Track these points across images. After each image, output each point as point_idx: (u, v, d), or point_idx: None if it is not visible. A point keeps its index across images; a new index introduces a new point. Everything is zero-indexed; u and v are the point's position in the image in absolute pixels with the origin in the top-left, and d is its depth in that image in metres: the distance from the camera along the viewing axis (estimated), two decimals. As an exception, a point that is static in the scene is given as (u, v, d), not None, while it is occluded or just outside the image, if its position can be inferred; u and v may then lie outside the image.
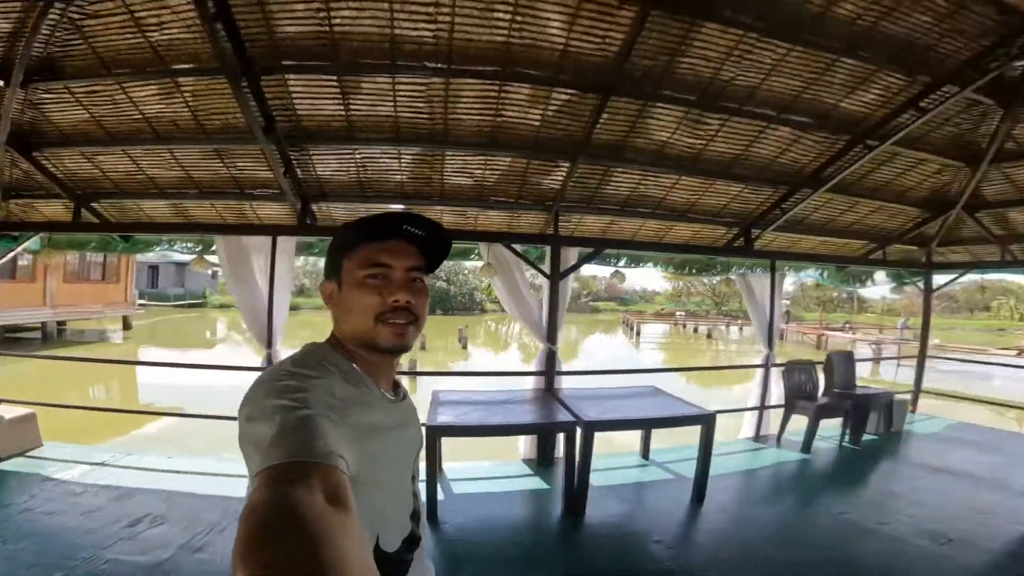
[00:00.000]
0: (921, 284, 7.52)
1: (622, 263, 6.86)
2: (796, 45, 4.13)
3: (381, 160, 5.16)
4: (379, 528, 0.86)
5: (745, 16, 3.90)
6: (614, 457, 5.54)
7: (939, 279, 7.49)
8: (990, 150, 5.42)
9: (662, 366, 21.50)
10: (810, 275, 7.74)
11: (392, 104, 4.49)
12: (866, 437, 6.29)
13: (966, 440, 6.21)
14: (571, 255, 6.11)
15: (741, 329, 39.01)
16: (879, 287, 8.05)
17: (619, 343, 34.24)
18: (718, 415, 4.45)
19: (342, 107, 4.51)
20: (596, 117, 4.62)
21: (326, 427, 0.72)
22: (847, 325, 34.03)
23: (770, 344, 6.48)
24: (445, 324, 28.07)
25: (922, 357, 7.49)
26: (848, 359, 6.66)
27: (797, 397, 6.22)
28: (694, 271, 7.10)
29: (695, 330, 38.06)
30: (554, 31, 3.92)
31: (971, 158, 5.72)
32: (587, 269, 7.79)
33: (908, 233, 6.89)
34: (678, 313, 46.78)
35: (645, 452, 5.47)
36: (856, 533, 3.83)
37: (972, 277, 7.39)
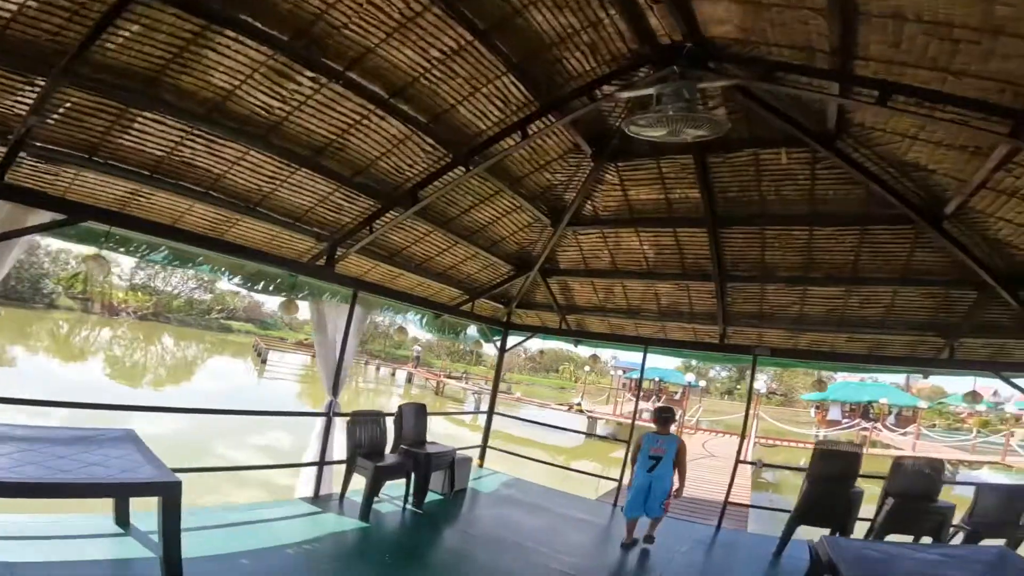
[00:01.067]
0: (499, 342, 7.78)
1: (160, 255, 4.69)
2: (437, 6, 3.25)
3: None
4: None
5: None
6: (65, 520, 3.65)
7: (513, 339, 7.93)
8: (571, 208, 5.73)
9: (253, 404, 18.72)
10: (409, 319, 7.09)
11: None
12: (433, 497, 5.69)
13: (518, 500, 6.31)
14: (30, 218, 3.65)
15: (378, 369, 39.56)
16: (483, 341, 8.04)
17: (244, 370, 30.12)
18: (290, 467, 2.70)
19: None
20: (110, 19, 2.86)
21: None
22: (464, 375, 38.31)
23: (335, 390, 5.23)
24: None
25: (491, 413, 7.68)
26: (420, 412, 6.02)
27: (358, 454, 5.13)
28: (270, 288, 5.38)
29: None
30: None
31: (556, 215, 5.99)
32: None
33: (496, 288, 6.99)
34: None
35: (123, 517, 3.72)
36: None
37: (538, 342, 8.13)
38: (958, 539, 4.33)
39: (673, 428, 5.66)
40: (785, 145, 4.53)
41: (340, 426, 5.41)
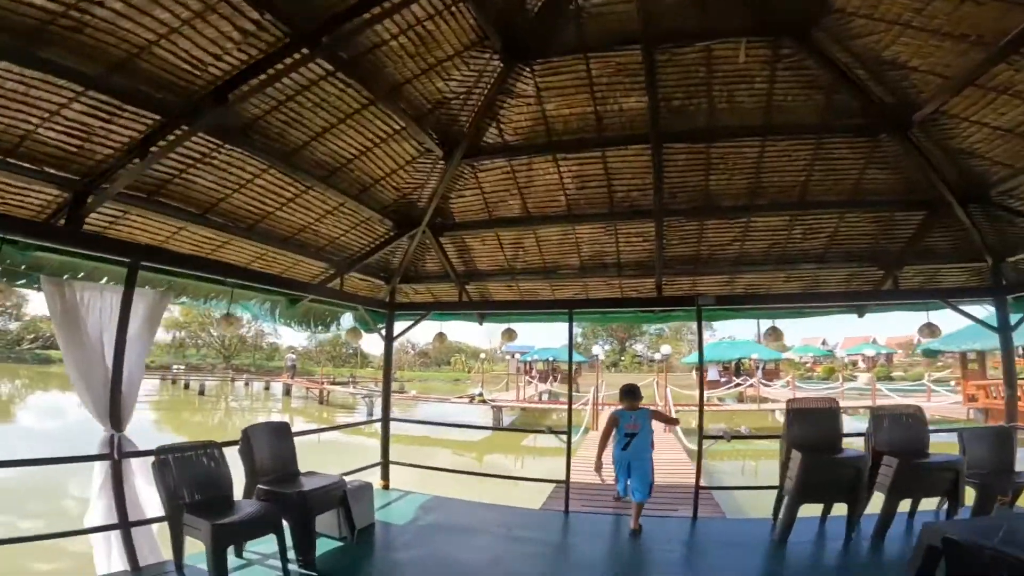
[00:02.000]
0: (384, 330, 6.01)
1: None
2: None
3: None
4: None
5: None
6: None
7: (401, 324, 6.21)
8: (470, 132, 4.25)
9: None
10: (249, 309, 5.12)
11: None
12: (329, 546, 4.02)
13: (447, 527, 4.62)
14: None
15: (248, 384, 35.08)
16: (362, 330, 6.20)
17: (77, 404, 24.64)
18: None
19: None
20: None
21: None
22: (352, 379, 35.07)
23: (115, 420, 3.22)
24: None
25: (387, 420, 5.91)
26: (280, 434, 4.19)
27: (184, 509, 3.26)
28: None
29: (187, 386, 31.39)
30: None
31: (450, 143, 4.42)
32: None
33: (371, 255, 5.25)
34: (175, 366, 39.46)
35: None
36: None
37: (430, 328, 6.47)
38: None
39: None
40: (746, 35, 3.57)
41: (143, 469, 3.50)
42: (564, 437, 5.29)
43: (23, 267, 3.34)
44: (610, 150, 4.40)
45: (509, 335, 5.50)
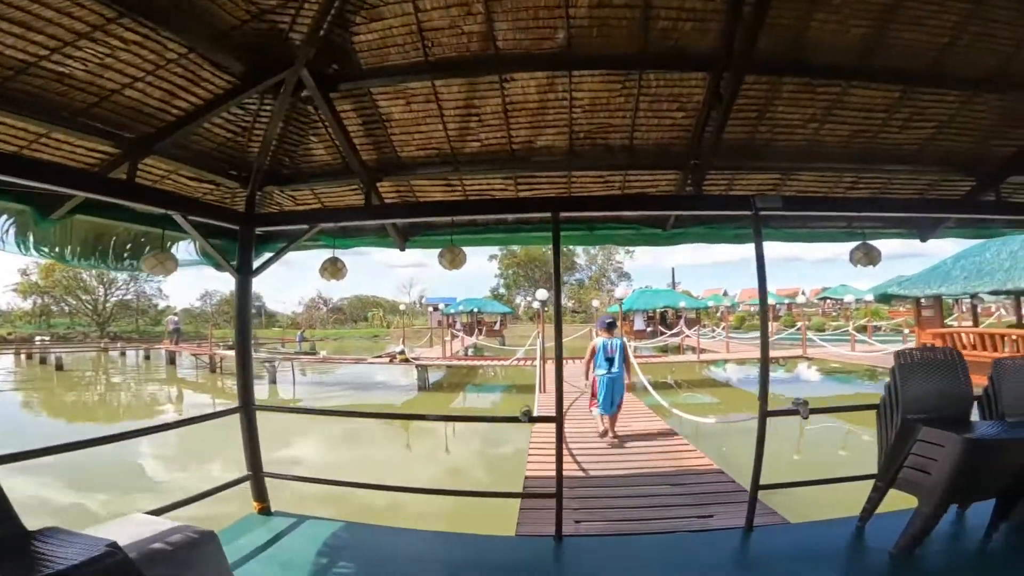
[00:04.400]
0: (237, 263, 3.62)
1: None
2: None
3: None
4: None
5: None
6: None
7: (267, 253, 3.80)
8: None
9: None
10: None
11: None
12: None
13: None
14: None
15: (123, 353, 30.41)
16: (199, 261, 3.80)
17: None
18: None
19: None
20: None
21: None
22: (254, 340, 31.13)
23: None
24: None
25: (248, 409, 3.59)
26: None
27: None
28: None
29: (43, 360, 26.29)
30: None
31: None
32: None
33: (190, 121, 2.70)
34: (39, 338, 34.02)
35: None
36: None
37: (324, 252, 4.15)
38: None
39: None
40: None
41: None
42: (538, 424, 3.42)
43: None
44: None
45: (452, 256, 3.30)
